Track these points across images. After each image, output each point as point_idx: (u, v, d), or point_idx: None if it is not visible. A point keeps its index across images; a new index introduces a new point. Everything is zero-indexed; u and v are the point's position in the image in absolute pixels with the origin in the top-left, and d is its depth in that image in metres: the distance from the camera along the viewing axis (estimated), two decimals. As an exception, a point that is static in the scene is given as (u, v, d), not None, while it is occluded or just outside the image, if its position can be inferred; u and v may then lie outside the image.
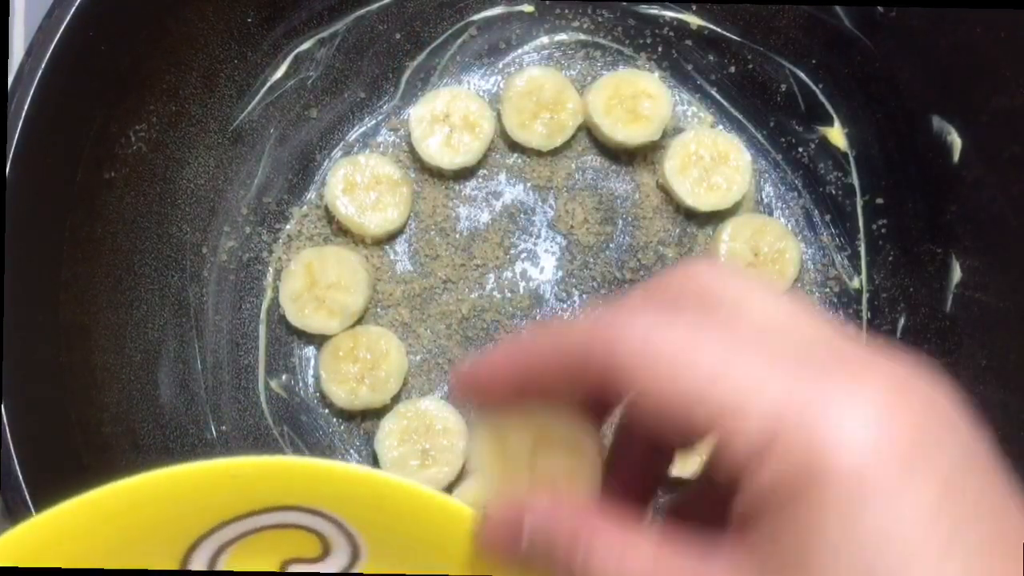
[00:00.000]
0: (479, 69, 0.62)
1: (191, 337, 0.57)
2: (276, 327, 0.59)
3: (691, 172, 0.59)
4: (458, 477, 0.56)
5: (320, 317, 0.57)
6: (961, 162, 0.54)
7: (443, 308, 0.59)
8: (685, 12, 0.61)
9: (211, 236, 0.58)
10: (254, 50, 0.57)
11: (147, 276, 0.55)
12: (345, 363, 0.56)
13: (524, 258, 0.60)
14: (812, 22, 0.58)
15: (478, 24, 0.61)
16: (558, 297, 0.60)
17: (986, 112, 0.52)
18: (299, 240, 0.60)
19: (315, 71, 0.59)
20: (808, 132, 0.60)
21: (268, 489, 0.33)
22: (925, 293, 0.56)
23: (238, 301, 0.59)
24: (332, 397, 0.56)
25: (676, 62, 0.61)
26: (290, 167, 0.60)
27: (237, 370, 0.58)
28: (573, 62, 0.62)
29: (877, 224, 0.59)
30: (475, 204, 0.61)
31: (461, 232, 0.60)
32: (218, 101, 0.57)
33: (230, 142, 0.58)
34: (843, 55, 0.57)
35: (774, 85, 0.60)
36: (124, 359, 0.53)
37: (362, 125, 0.61)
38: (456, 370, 0.39)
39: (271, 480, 0.32)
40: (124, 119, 0.52)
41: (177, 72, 0.54)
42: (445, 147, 0.59)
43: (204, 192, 0.57)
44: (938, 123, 0.54)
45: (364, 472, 0.32)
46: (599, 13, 0.61)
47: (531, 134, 0.60)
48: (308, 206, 0.60)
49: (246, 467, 0.32)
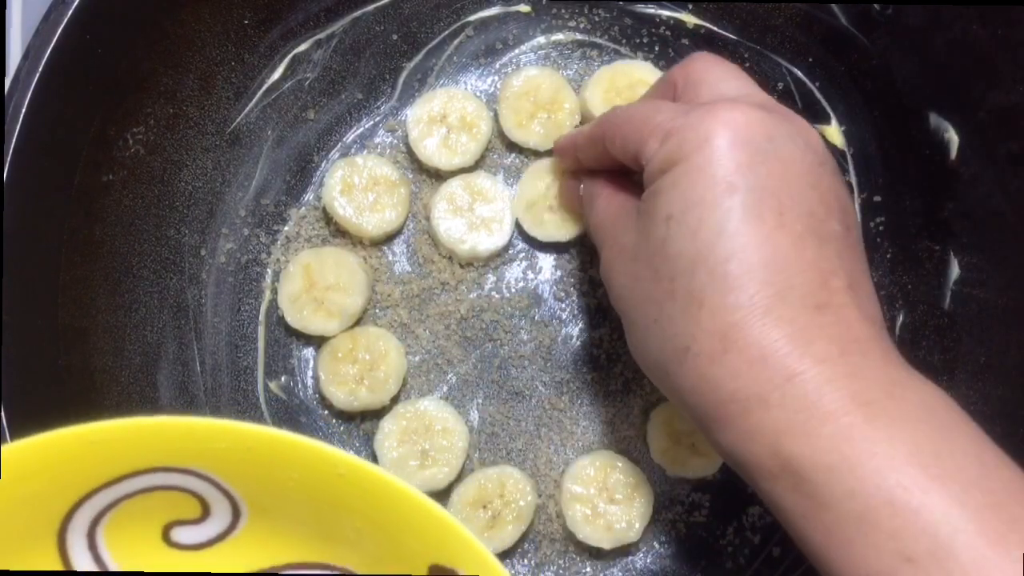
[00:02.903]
0: (476, 69, 0.62)
1: (190, 339, 0.57)
2: (275, 329, 0.59)
3: (689, 171, 0.59)
4: (458, 477, 0.56)
5: (319, 318, 0.57)
6: (958, 159, 0.54)
7: (442, 308, 0.59)
8: (681, 11, 0.61)
9: (209, 238, 0.58)
10: (251, 52, 0.57)
11: (146, 278, 0.55)
12: (344, 364, 0.56)
13: (522, 258, 0.60)
14: (808, 20, 0.58)
15: (474, 24, 0.62)
16: (556, 297, 0.60)
17: (983, 109, 0.52)
18: (297, 242, 0.60)
19: (312, 72, 0.60)
20: (805, 130, 0.60)
21: (134, 451, 0.32)
22: (923, 290, 0.56)
23: (237, 303, 0.59)
24: (331, 398, 0.56)
25: (673, 61, 0.61)
26: (288, 169, 0.60)
27: (236, 372, 0.58)
28: (570, 62, 0.62)
29: (875, 221, 0.59)
30: (473, 204, 0.61)
31: (459, 232, 0.60)
32: (215, 103, 0.57)
33: (228, 144, 0.58)
34: (840, 53, 0.58)
35: (771, 83, 0.60)
36: (123, 361, 0.54)
37: (359, 126, 0.61)
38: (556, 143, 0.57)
39: (134, 442, 0.32)
40: (122, 122, 0.52)
41: (174, 74, 0.54)
42: (442, 148, 0.59)
43: (202, 194, 0.57)
44: (935, 120, 0.54)
45: (223, 424, 0.32)
46: (595, 13, 0.61)
47: (529, 134, 0.60)
48: (306, 207, 0.60)
49: (105, 430, 0.32)
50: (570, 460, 0.58)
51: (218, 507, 0.35)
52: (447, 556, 0.32)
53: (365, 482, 0.32)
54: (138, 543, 0.36)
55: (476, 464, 0.58)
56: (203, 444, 0.32)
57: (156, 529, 0.36)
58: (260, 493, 0.34)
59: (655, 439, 0.57)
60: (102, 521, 0.35)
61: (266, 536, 0.36)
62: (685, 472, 0.57)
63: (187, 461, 0.33)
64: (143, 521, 0.35)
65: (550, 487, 0.58)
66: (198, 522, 0.36)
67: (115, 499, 0.34)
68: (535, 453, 0.58)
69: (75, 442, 0.32)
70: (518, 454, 0.58)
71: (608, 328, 0.59)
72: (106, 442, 0.32)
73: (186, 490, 0.34)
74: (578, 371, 0.59)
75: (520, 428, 0.58)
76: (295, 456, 0.32)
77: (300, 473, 0.33)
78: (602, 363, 0.59)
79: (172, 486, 0.34)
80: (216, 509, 0.35)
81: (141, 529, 0.35)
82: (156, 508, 0.35)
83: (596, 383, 0.59)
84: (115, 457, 0.33)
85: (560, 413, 0.58)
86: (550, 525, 0.57)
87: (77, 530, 0.34)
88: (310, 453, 0.32)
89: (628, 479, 0.56)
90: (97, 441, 0.32)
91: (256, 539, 0.36)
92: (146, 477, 0.34)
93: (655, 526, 0.58)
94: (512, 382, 0.59)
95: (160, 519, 0.36)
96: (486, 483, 0.55)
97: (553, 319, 0.59)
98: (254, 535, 0.36)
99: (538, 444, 0.58)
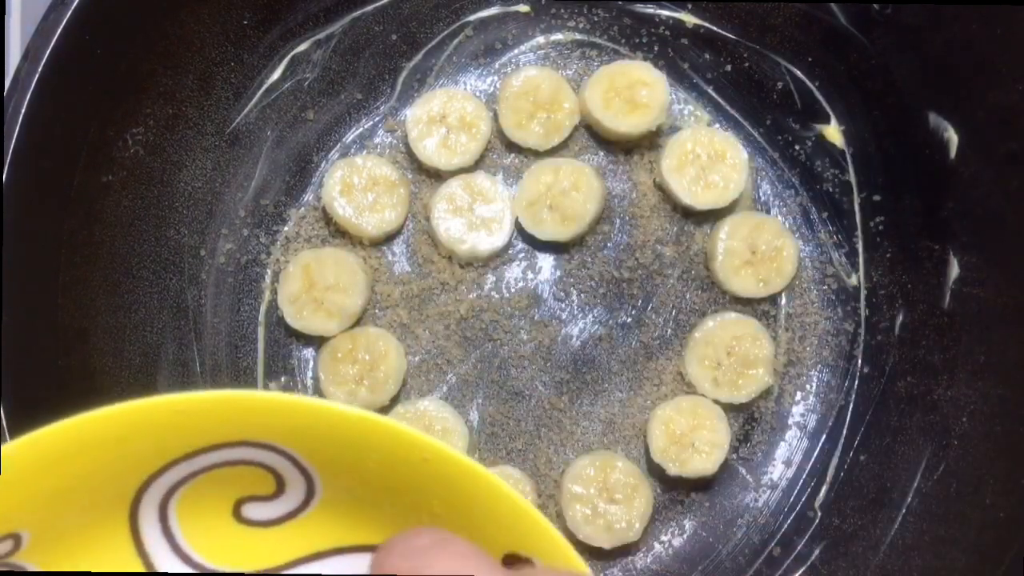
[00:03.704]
0: (475, 70, 0.62)
1: (190, 340, 0.57)
2: (275, 329, 0.59)
3: (688, 170, 0.59)
4: (458, 477, 0.56)
5: (319, 319, 0.57)
6: (958, 158, 0.54)
7: (441, 309, 0.59)
8: (681, 11, 0.61)
9: (209, 239, 0.58)
10: (250, 52, 0.57)
11: (145, 279, 0.55)
12: (344, 364, 0.56)
13: (522, 258, 0.60)
14: (808, 20, 0.58)
15: (474, 25, 0.61)
16: (556, 296, 0.60)
17: (982, 108, 0.52)
18: (297, 242, 0.60)
19: (311, 73, 0.59)
20: (805, 130, 0.60)
21: (215, 425, 0.32)
22: (923, 289, 0.56)
23: (236, 303, 0.59)
24: (331, 398, 0.56)
25: (672, 61, 0.61)
26: (287, 169, 0.60)
27: (236, 372, 0.58)
28: (569, 61, 0.62)
29: (875, 221, 0.59)
30: (473, 204, 0.61)
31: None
32: (215, 104, 0.57)
33: (227, 145, 0.58)
34: (839, 52, 0.57)
35: (770, 83, 0.60)
36: (123, 362, 0.54)
37: (359, 127, 0.61)
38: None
39: (217, 415, 0.32)
40: (121, 123, 0.52)
41: (173, 75, 0.54)
42: (442, 148, 0.59)
43: (201, 195, 0.57)
44: (935, 119, 0.54)
45: (310, 402, 0.32)
46: (595, 12, 0.61)
47: (528, 134, 0.60)
48: (306, 208, 0.60)
49: (190, 402, 0.31)
50: (570, 460, 0.58)
51: (293, 484, 0.35)
52: (525, 544, 0.32)
53: (450, 467, 0.32)
54: (209, 517, 0.35)
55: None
56: (285, 420, 0.32)
57: (228, 503, 0.36)
58: (338, 473, 0.34)
59: (655, 439, 0.57)
60: (177, 492, 0.35)
61: (339, 516, 0.36)
62: (685, 472, 0.57)
63: (268, 436, 0.33)
64: (217, 494, 0.35)
65: (550, 487, 0.58)
66: (271, 499, 0.36)
67: (194, 471, 0.34)
68: (535, 453, 0.58)
69: (161, 411, 0.31)
70: (518, 454, 0.58)
71: (608, 328, 0.59)
72: (191, 412, 0.32)
73: (264, 465, 0.34)
74: (578, 371, 0.59)
75: (520, 428, 0.58)
76: (379, 438, 0.32)
77: (382, 455, 0.32)
78: (602, 363, 0.59)
79: (250, 460, 0.34)
80: (291, 486, 0.35)
81: (213, 502, 0.35)
82: (230, 483, 0.35)
83: (596, 383, 0.59)
84: (198, 428, 0.32)
85: (560, 413, 0.58)
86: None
87: (151, 499, 0.34)
88: (395, 436, 0.32)
89: (628, 479, 0.56)
90: (182, 411, 0.31)
91: (326, 519, 0.36)
92: (226, 451, 0.33)
93: (655, 526, 0.58)
94: (512, 382, 0.59)
95: (233, 494, 0.35)
96: (486, 483, 0.55)
97: (553, 319, 0.59)
98: (325, 514, 0.36)
99: (538, 444, 0.58)
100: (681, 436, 0.56)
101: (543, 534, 0.32)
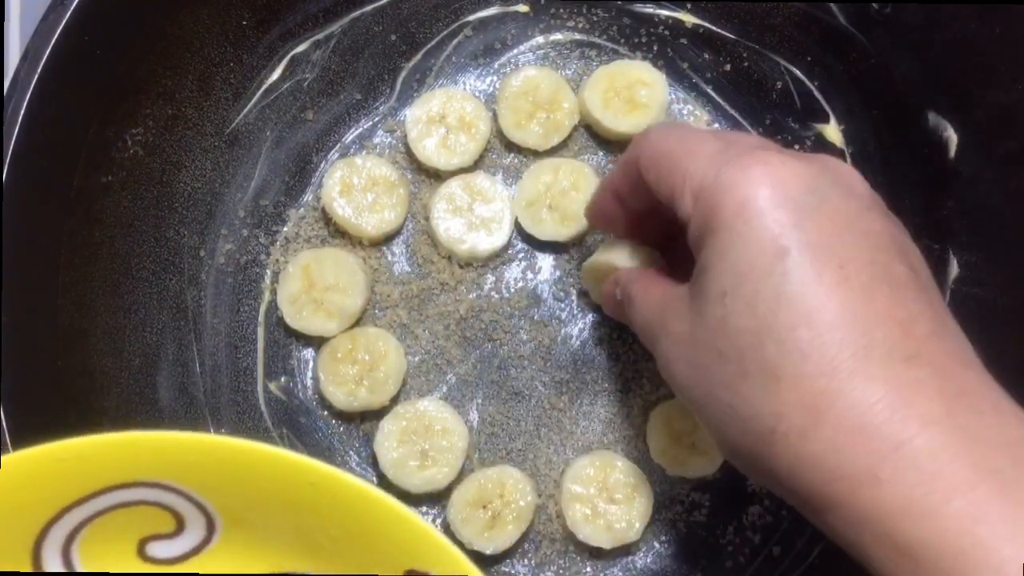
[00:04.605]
0: (475, 70, 0.62)
1: (189, 340, 0.57)
2: (274, 329, 0.59)
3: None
4: (458, 477, 0.56)
5: (318, 319, 0.57)
6: (957, 158, 0.54)
7: (441, 309, 0.59)
8: (680, 10, 0.61)
9: (208, 239, 0.58)
10: (250, 53, 0.57)
11: (145, 280, 0.55)
12: (344, 365, 0.56)
13: (522, 258, 0.60)
14: (807, 19, 0.58)
15: (473, 24, 0.62)
16: (556, 297, 0.60)
17: (982, 108, 0.52)
18: (296, 242, 0.60)
19: (311, 73, 0.59)
20: (804, 129, 0.60)
21: (106, 468, 0.32)
22: (923, 289, 0.56)
23: (236, 304, 0.59)
24: (331, 399, 0.56)
25: (671, 60, 0.62)
26: (287, 169, 0.60)
27: (236, 373, 0.58)
28: (569, 61, 0.62)
29: (874, 221, 0.59)
30: (472, 204, 0.61)
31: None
32: (214, 104, 0.57)
33: (226, 145, 0.58)
34: (838, 52, 0.57)
35: (769, 83, 0.60)
36: (123, 363, 0.54)
37: (358, 127, 0.61)
38: (586, 208, 0.54)
39: (107, 458, 0.32)
40: (120, 123, 0.52)
41: (173, 75, 0.54)
42: (441, 148, 0.59)
43: (201, 195, 0.57)
44: (934, 119, 0.54)
45: (193, 437, 0.32)
46: (594, 12, 0.61)
47: (527, 134, 0.60)
48: (305, 208, 0.60)
49: (78, 447, 0.31)
50: (570, 460, 0.58)
51: (193, 521, 0.35)
52: (422, 561, 0.32)
53: (337, 490, 0.32)
54: (113, 558, 0.36)
55: (476, 464, 0.58)
56: (174, 457, 0.32)
57: (131, 544, 0.36)
58: (234, 505, 0.34)
59: (655, 439, 0.57)
60: (77, 537, 0.35)
61: (242, 547, 0.36)
62: (685, 472, 0.57)
63: (160, 475, 0.33)
64: (118, 536, 0.35)
65: (550, 487, 0.58)
66: (173, 536, 0.36)
67: (89, 515, 0.34)
68: (535, 453, 0.58)
69: (45, 460, 0.31)
70: (518, 454, 0.58)
71: (608, 328, 0.59)
72: (76, 459, 0.32)
73: (160, 504, 0.34)
74: (578, 371, 0.59)
75: (520, 428, 0.58)
76: (265, 467, 0.32)
77: (272, 484, 0.32)
78: (602, 363, 0.59)
79: (146, 501, 0.34)
80: (191, 523, 0.35)
81: (116, 544, 0.35)
82: (131, 523, 0.35)
83: (596, 383, 0.59)
84: (87, 473, 0.32)
85: (560, 413, 0.58)
86: (550, 525, 0.57)
87: (52, 546, 0.34)
88: (280, 463, 0.32)
89: (628, 479, 0.56)
90: (67, 458, 0.32)
91: (232, 551, 0.36)
92: (119, 493, 0.33)
93: (655, 526, 0.58)
94: (512, 382, 0.59)
95: (135, 534, 0.35)
96: (486, 483, 0.55)
97: (552, 319, 0.59)
98: (230, 547, 0.36)
99: (538, 444, 0.58)
100: (681, 436, 0.56)
101: (441, 551, 0.32)
